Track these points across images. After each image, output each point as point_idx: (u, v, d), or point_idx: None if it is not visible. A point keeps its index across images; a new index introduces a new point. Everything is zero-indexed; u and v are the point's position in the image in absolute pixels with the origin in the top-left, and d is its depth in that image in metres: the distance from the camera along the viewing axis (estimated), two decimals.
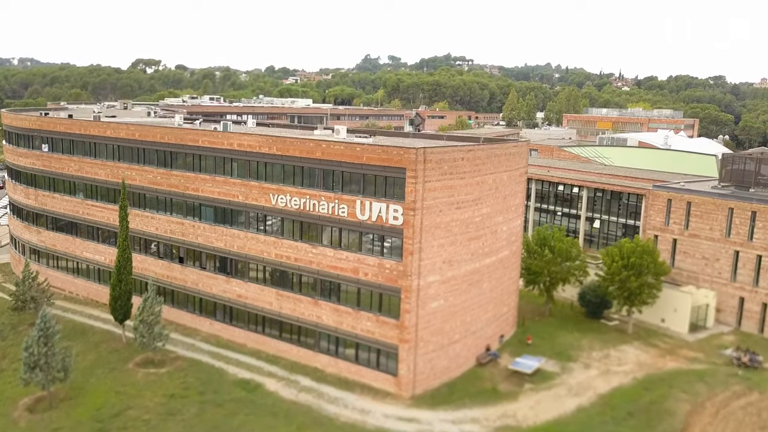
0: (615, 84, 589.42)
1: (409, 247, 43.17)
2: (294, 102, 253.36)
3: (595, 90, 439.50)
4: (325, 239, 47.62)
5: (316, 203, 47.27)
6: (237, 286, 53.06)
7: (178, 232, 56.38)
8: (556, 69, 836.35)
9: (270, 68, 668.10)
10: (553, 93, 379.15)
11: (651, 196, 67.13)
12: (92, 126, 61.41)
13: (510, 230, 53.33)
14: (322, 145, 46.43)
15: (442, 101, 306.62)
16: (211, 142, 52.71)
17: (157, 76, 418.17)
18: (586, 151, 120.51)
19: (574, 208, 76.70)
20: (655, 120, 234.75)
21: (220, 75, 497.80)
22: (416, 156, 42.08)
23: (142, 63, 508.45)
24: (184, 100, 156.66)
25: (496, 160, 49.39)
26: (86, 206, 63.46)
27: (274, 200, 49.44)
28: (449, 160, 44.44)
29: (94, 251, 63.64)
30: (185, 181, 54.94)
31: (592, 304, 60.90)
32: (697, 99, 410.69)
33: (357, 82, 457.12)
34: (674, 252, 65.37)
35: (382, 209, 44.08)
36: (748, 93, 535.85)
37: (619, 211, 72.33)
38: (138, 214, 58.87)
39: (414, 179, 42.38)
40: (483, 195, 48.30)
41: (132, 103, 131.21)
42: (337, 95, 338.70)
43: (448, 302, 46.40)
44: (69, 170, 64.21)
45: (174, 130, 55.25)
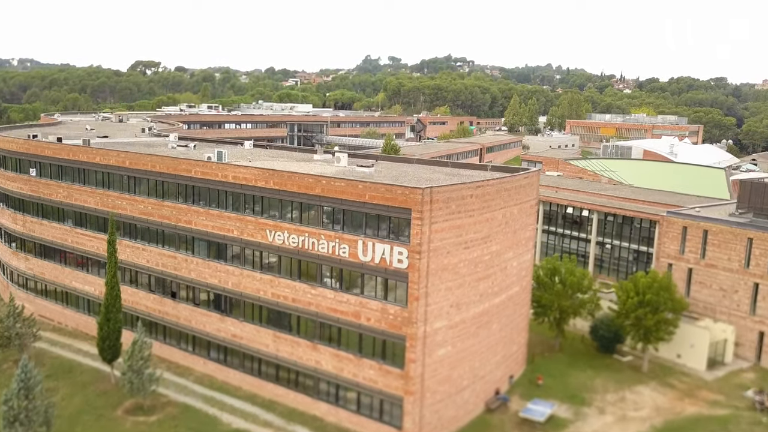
0: (616, 86, 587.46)
1: (415, 292, 40.37)
2: (294, 107, 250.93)
3: (597, 93, 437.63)
4: (325, 280, 44.82)
5: (315, 242, 44.47)
6: (232, 326, 50.26)
7: (170, 265, 53.57)
8: (557, 70, 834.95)
9: (270, 69, 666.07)
10: (554, 96, 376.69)
11: (665, 222, 64.31)
12: (81, 151, 58.59)
13: (520, 265, 50.54)
14: (322, 181, 43.62)
15: (444, 106, 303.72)
16: (205, 173, 49.91)
17: (156, 78, 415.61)
18: (592, 164, 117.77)
19: (583, 232, 73.92)
20: (659, 126, 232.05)
21: (220, 77, 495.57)
22: (422, 197, 39.28)
23: (141, 65, 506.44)
24: (181, 109, 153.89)
25: (506, 194, 46.59)
26: (75, 234, 60.67)
27: (271, 237, 46.64)
28: (457, 198, 41.63)
29: (84, 281, 60.84)
30: (178, 213, 52.14)
31: (605, 339, 58.08)
32: (699, 102, 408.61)
33: (357, 84, 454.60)
34: (689, 282, 62.55)
35: (386, 251, 41.27)
36: (750, 95, 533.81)
37: (630, 236, 69.52)
38: (129, 245, 56.10)
39: (420, 221, 39.57)
40: (492, 232, 45.49)
41: (128, 115, 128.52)
42: (338, 99, 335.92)
43: (456, 348, 43.59)
44: (57, 196, 61.41)
45: (165, 160, 52.44)
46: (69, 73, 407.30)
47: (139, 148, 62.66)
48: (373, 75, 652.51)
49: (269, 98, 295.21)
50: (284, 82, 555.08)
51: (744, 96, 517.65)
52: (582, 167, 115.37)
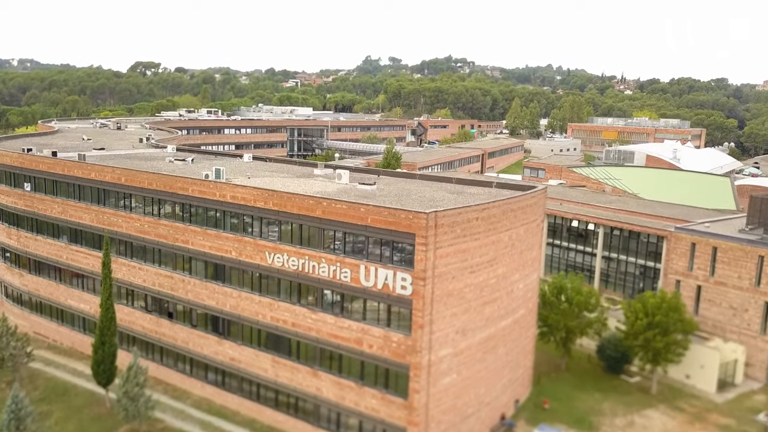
0: (617, 87, 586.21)
1: (419, 320, 39.00)
2: (294, 111, 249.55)
3: (598, 95, 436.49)
4: (326, 305, 43.45)
5: (315, 265, 43.10)
6: (230, 349, 48.90)
7: (166, 285, 52.21)
8: (557, 70, 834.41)
9: (270, 70, 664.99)
10: (555, 98, 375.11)
11: (673, 238, 62.93)
12: (76, 167, 57.21)
13: (526, 287, 49.16)
14: (323, 203, 42.23)
15: (444, 108, 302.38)
16: (202, 192, 48.54)
17: (156, 80, 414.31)
18: (595, 171, 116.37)
19: (589, 246, 72.56)
20: (662, 130, 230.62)
21: (220, 78, 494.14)
22: (427, 221, 37.91)
23: (141, 66, 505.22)
24: (181, 114, 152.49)
25: (512, 215, 45.19)
26: (70, 251, 59.29)
27: (270, 259, 45.28)
28: (462, 221, 40.26)
29: (79, 299, 59.48)
30: (174, 232, 50.78)
31: (612, 359, 56.69)
32: (700, 104, 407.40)
33: (357, 86, 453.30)
34: (698, 299, 61.19)
35: (389, 276, 39.90)
36: (751, 96, 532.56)
37: (637, 251, 68.12)
38: (124, 263, 54.74)
39: (424, 246, 38.21)
40: (498, 254, 44.12)
41: (126, 121, 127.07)
42: (338, 101, 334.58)
43: (461, 376, 42.24)
44: (52, 212, 60.04)
45: (162, 177, 51.06)
46: (68, 74, 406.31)
47: (136, 163, 61.35)
48: (374, 76, 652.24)
49: (269, 101, 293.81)
50: (284, 83, 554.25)
51: (745, 97, 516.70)
52: (585, 175, 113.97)
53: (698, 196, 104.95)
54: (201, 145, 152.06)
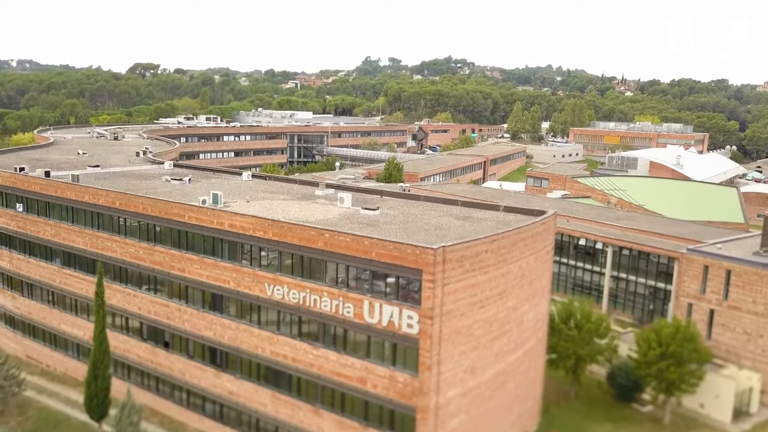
0: (618, 89, 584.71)
1: (426, 360, 37.17)
2: (294, 115, 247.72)
3: (599, 97, 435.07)
4: (328, 340, 41.62)
5: (317, 299, 41.26)
6: (228, 382, 47.05)
7: (162, 314, 50.37)
8: (557, 71, 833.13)
9: (270, 71, 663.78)
10: (556, 100, 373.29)
11: (685, 260, 61.10)
12: (69, 189, 55.33)
13: (536, 316, 47.35)
14: (325, 234, 40.37)
15: (445, 111, 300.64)
16: (199, 219, 46.68)
17: (155, 82, 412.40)
18: (600, 182, 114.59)
19: (597, 265, 70.73)
20: (665, 135, 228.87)
21: (220, 80, 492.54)
22: (434, 257, 36.07)
23: (140, 67, 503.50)
24: (179, 121, 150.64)
25: (522, 244, 43.36)
26: (63, 275, 57.44)
27: (269, 291, 43.44)
28: (471, 255, 38.43)
29: (72, 325, 57.63)
30: (170, 260, 48.94)
31: (623, 387, 54.83)
32: (701, 105, 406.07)
33: (357, 87, 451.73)
34: (711, 323, 59.40)
35: (395, 313, 38.08)
36: (752, 97, 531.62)
37: (647, 271, 66.29)
38: (119, 289, 52.91)
39: (432, 283, 36.38)
40: (508, 287, 42.31)
41: (124, 130, 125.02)
42: (338, 104, 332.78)
43: (470, 415, 40.40)
44: (45, 234, 58.19)
45: (158, 203, 49.18)
46: (67, 76, 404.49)
47: (132, 183, 59.54)
48: (373, 77, 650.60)
49: (269, 104, 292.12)
50: (284, 85, 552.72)
51: (746, 98, 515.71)
52: (590, 186, 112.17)
53: (705, 208, 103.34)
54: (200, 153, 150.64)
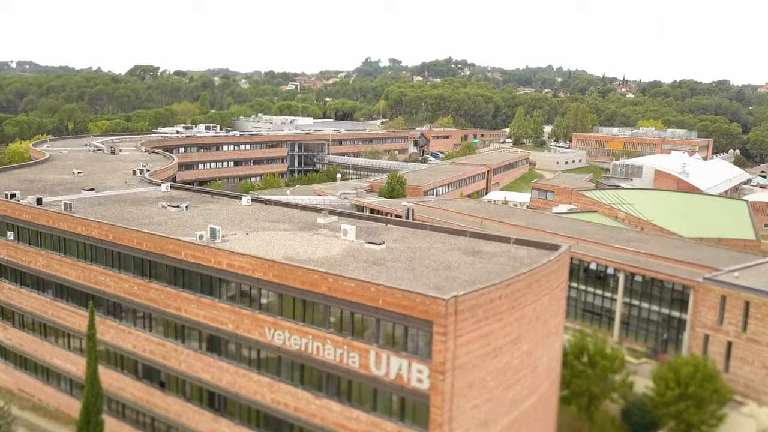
0: (619, 90, 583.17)
1: (437, 418, 34.92)
2: (294, 121, 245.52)
3: (600, 99, 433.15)
4: (332, 390, 39.36)
5: (320, 346, 39.02)
6: (227, 428, 44.81)
7: (158, 353, 48.13)
8: (557, 71, 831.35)
9: (270, 73, 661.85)
10: (558, 103, 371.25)
11: (701, 290, 58.85)
12: (61, 219, 53.09)
13: (550, 357, 45.11)
14: (329, 279, 38.10)
15: (446, 116, 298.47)
16: (196, 257, 44.43)
17: (154, 85, 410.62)
18: (606, 196, 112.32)
19: (608, 290, 68.46)
20: (669, 141, 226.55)
21: (219, 82, 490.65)
22: (446, 308, 33.84)
23: (140, 70, 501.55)
24: (178, 131, 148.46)
25: (537, 285, 41.12)
26: (55, 307, 55.23)
27: (270, 335, 41.20)
28: (485, 303, 36.18)
29: (65, 359, 55.41)
30: (166, 298, 46.70)
31: (639, 426, 52.58)
32: (703, 108, 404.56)
33: (358, 90, 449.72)
34: (728, 356, 57.17)
35: (403, 366, 35.83)
36: (754, 98, 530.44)
37: (661, 298, 64.00)
38: (113, 326, 50.70)
39: (443, 336, 34.15)
40: (523, 331, 40.08)
41: (121, 143, 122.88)
42: (338, 108, 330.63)
43: None
44: (37, 264, 55.98)
45: (152, 238, 46.91)
46: (66, 78, 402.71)
47: (127, 210, 57.39)
48: (374, 78, 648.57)
49: (269, 109, 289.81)
50: (284, 87, 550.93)
51: (747, 99, 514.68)
52: (597, 200, 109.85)
53: (715, 224, 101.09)
54: (198, 163, 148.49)
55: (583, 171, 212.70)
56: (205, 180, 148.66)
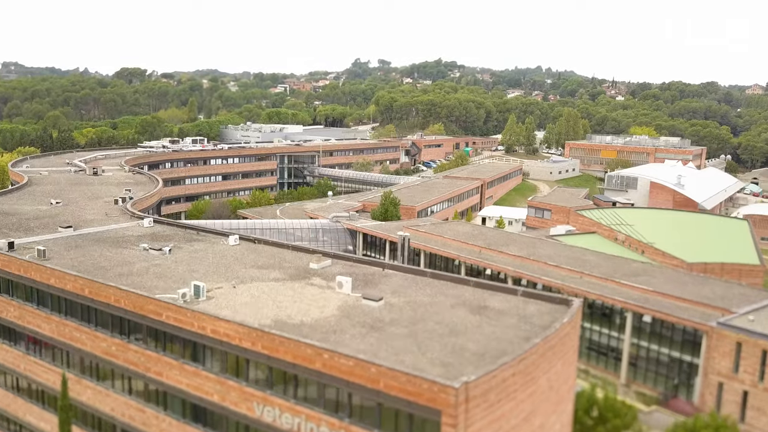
0: (609, 92, 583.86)
1: None
2: (283, 129, 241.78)
3: (591, 103, 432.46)
4: None
5: (314, 427, 35.50)
6: None
7: (138, 419, 44.42)
8: (546, 72, 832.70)
9: (259, 75, 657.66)
10: (549, 107, 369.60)
11: (715, 335, 55.82)
12: (33, 269, 49.27)
13: (562, 424, 41.81)
14: (324, 355, 34.57)
15: (437, 123, 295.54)
16: (178, 320, 40.78)
17: (141, 89, 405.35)
18: (605, 216, 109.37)
19: (614, 329, 65.32)
20: (662, 150, 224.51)
21: (208, 85, 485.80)
22: (456, 397, 30.44)
23: (127, 73, 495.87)
24: (164, 146, 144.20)
25: (551, 353, 37.82)
26: (28, 362, 51.37)
27: (258, 410, 37.63)
28: (497, 384, 32.82)
29: (39, 417, 51.55)
30: (146, 361, 43.01)
31: None
32: (693, 111, 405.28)
33: (347, 93, 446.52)
34: (744, 406, 54.19)
35: None
36: (742, 100, 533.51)
37: (672, 340, 60.92)
38: (89, 386, 46.92)
39: (453, 428, 30.75)
40: (536, 405, 36.74)
41: (104, 163, 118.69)
42: (328, 114, 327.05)
43: None
44: (8, 315, 52.09)
45: (131, 296, 43.21)
46: (52, 82, 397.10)
47: (105, 253, 53.67)
48: (363, 80, 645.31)
49: (258, 116, 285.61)
50: (273, 89, 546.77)
51: (735, 101, 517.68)
52: (595, 220, 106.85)
53: (717, 247, 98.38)
54: (185, 178, 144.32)
55: (576, 180, 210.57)
56: (192, 195, 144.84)
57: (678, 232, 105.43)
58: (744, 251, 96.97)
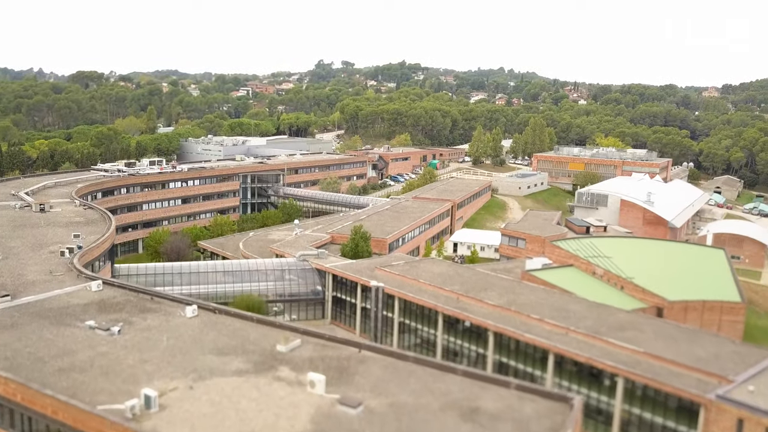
0: (571, 96, 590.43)
1: None
2: (246, 142, 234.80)
3: (555, 108, 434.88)
4: None
5: None
6: None
7: None
8: (509, 74, 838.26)
9: (220, 78, 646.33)
10: (513, 113, 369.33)
11: (714, 409, 52.17)
12: None
13: None
14: None
15: (404, 132, 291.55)
16: None
17: (98, 95, 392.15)
18: (582, 247, 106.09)
19: (604, 393, 61.38)
20: (629, 163, 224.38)
21: (168, 89, 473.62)
22: None
23: (83, 76, 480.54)
24: (120, 170, 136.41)
25: None
26: None
27: None
28: None
29: None
30: None
31: None
32: (653, 115, 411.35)
33: (311, 98, 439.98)
34: None
35: None
36: (699, 103, 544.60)
37: (666, 407, 57.20)
38: None
39: None
40: None
41: (53, 193, 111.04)
42: (293, 123, 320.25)
43: None
44: None
45: (71, 409, 37.31)
46: (2, 87, 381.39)
47: (45, 335, 47.48)
48: (327, 82, 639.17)
49: (220, 127, 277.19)
50: (235, 93, 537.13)
51: (693, 104, 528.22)
52: (572, 252, 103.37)
53: (697, 282, 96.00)
54: (143, 204, 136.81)
55: (545, 194, 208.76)
56: (150, 222, 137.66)
57: (655, 264, 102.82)
58: (723, 285, 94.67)
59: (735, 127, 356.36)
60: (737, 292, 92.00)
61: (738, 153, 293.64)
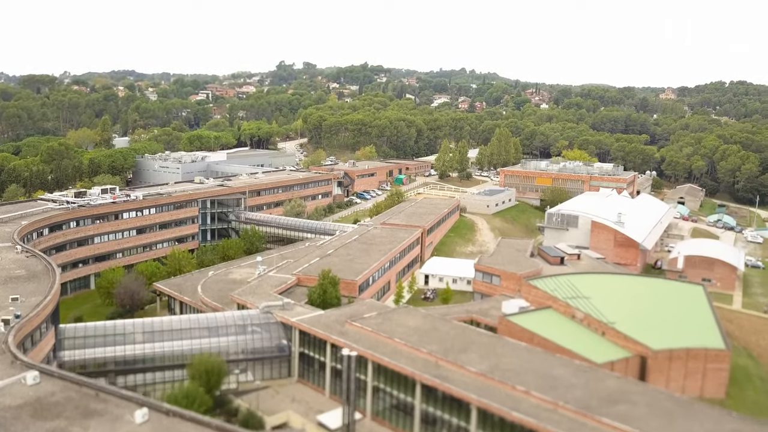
0: (533, 99, 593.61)
1: None
2: (206, 158, 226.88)
3: (518, 113, 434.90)
4: None
5: None
6: None
7: None
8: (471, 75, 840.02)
9: (179, 80, 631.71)
10: (477, 120, 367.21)
11: None
12: None
13: None
14: None
15: (368, 144, 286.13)
16: None
17: (50, 102, 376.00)
18: (560, 287, 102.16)
19: None
20: (597, 178, 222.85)
21: (124, 93, 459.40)
22: None
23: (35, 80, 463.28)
24: (68, 201, 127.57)
25: None
26: None
27: None
28: None
29: None
30: None
31: None
32: (614, 119, 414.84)
33: (273, 104, 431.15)
34: None
35: None
36: (657, 105, 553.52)
37: None
38: None
39: None
40: None
41: None
42: (254, 134, 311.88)
43: None
44: None
45: None
46: None
47: None
48: (289, 84, 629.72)
49: (178, 140, 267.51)
50: (194, 96, 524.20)
51: (651, 106, 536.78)
52: (550, 293, 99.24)
53: (679, 327, 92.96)
54: (94, 237, 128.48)
55: (513, 211, 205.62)
56: (102, 255, 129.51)
57: (635, 305, 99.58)
58: (706, 329, 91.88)
59: (693, 131, 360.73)
60: (720, 338, 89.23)
61: (699, 161, 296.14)
